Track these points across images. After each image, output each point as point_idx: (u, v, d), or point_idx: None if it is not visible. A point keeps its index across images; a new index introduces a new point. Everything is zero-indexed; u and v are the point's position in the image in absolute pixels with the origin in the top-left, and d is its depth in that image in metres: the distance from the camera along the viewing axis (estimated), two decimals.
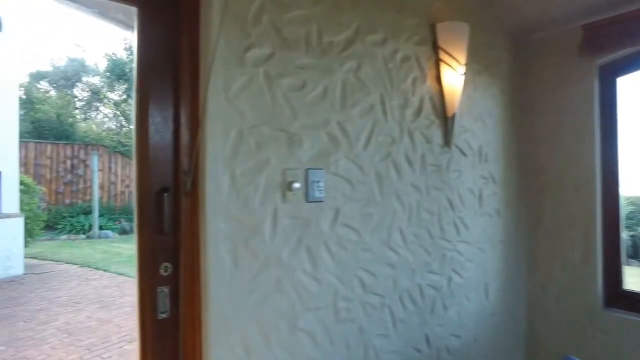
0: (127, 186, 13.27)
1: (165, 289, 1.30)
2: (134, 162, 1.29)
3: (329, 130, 1.56)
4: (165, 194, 1.28)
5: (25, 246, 7.19)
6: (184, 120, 1.32)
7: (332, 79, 1.57)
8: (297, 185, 1.45)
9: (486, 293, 2.16)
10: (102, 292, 5.93)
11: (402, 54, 1.79)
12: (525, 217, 2.37)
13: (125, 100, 14.00)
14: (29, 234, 7.52)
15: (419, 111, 1.85)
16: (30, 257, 7.65)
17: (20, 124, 7.46)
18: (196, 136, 1.30)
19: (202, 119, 1.29)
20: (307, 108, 1.50)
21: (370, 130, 1.68)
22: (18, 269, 6.85)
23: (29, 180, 8.00)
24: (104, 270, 7.27)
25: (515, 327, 2.33)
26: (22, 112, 10.97)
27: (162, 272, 1.30)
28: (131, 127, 15.91)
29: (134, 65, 1.30)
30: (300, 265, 1.48)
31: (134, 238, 1.27)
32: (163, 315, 1.29)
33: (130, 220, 12.35)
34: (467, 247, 2.05)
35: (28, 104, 13.28)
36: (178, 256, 1.32)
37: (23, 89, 13.88)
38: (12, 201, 6.91)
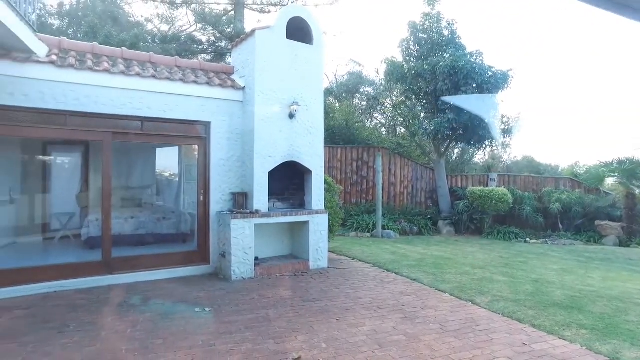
0: (406, 187, 13.38)
1: None
2: None
3: None
4: None
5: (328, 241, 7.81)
6: None
7: None
8: None
9: None
10: (400, 299, 5.55)
11: None
12: None
13: (403, 102, 14.24)
14: (330, 230, 8.16)
15: None
16: (329, 252, 8.31)
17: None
18: None
19: None
20: None
21: None
22: (323, 262, 7.47)
23: (330, 180, 8.75)
24: (396, 273, 7.05)
25: None
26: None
27: None
28: (402, 129, 16.13)
29: None
30: None
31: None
32: None
33: (410, 221, 12.33)
34: None
35: (324, 113, 15.40)
36: None
37: None
38: (319, 199, 7.61)
